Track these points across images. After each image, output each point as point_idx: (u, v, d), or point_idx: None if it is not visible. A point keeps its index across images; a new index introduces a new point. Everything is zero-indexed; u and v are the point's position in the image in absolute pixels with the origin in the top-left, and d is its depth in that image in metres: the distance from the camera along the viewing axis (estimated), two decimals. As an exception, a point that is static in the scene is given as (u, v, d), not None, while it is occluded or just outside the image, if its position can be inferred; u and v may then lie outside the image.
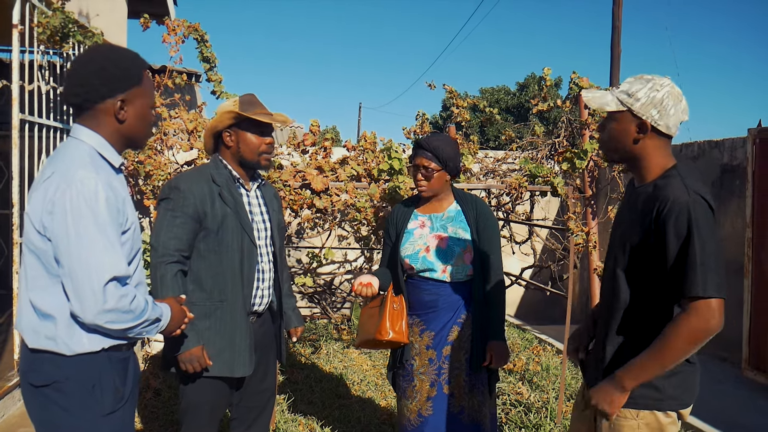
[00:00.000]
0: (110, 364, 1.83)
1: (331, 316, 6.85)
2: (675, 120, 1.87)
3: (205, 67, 5.95)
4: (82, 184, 1.70)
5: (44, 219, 1.71)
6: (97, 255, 1.69)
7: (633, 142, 1.89)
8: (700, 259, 1.71)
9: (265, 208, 2.70)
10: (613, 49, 11.52)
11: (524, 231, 7.31)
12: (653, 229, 1.80)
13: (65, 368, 1.77)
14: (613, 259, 1.98)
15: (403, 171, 3.68)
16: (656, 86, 1.86)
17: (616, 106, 1.89)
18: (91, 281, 1.68)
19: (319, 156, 4.25)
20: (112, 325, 1.74)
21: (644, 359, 1.79)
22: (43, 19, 4.05)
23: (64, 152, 1.82)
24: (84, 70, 1.82)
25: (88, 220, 1.69)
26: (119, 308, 1.72)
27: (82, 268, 1.68)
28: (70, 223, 1.68)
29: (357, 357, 5.61)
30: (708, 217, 1.76)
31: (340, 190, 3.84)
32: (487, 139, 24.74)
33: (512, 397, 4.57)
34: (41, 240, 1.74)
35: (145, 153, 5.70)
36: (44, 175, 1.77)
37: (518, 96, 28.84)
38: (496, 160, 6.31)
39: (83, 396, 1.79)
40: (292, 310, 2.90)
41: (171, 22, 5.79)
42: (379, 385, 4.91)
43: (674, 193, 1.78)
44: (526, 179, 4.16)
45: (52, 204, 1.70)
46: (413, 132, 5.99)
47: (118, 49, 1.94)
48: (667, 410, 1.89)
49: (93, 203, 1.70)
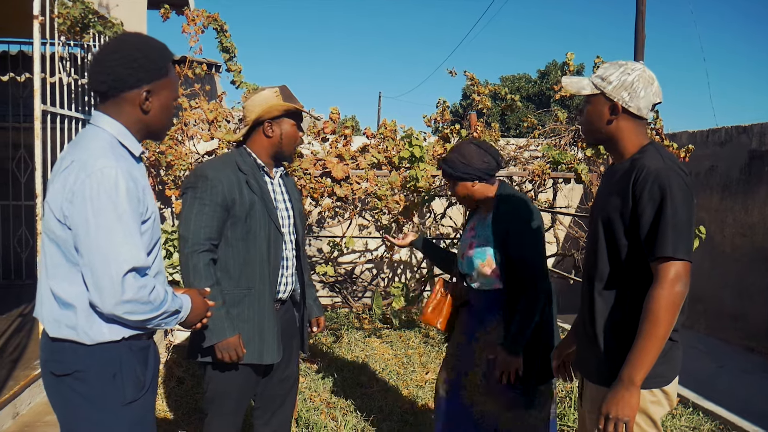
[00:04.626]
0: (131, 353, 1.82)
1: (353, 305, 6.85)
2: (646, 102, 1.96)
3: (225, 57, 5.95)
4: (102, 174, 1.68)
5: (64, 207, 1.70)
6: (116, 245, 1.68)
7: (606, 123, 1.98)
8: (672, 222, 1.78)
9: (288, 197, 2.72)
10: (637, 34, 11.32)
11: (547, 219, 7.23)
12: (629, 197, 1.87)
13: (86, 357, 1.76)
14: (593, 236, 2.03)
15: (424, 158, 3.64)
16: (627, 70, 1.96)
17: (590, 90, 1.99)
18: (110, 272, 1.67)
19: (339, 144, 4.21)
20: (131, 316, 1.73)
21: (639, 345, 1.80)
22: (63, 10, 4.06)
23: (84, 140, 1.81)
24: (112, 58, 1.80)
25: (107, 209, 1.68)
26: (138, 299, 1.70)
27: (101, 258, 1.67)
28: (89, 212, 1.67)
29: (379, 346, 5.61)
30: (681, 185, 1.82)
31: (361, 178, 3.81)
32: (508, 127, 24.56)
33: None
34: (61, 228, 1.73)
35: (166, 143, 5.72)
36: (64, 164, 1.76)
37: (539, 84, 28.57)
38: (517, 147, 6.23)
39: (104, 385, 1.78)
40: (313, 300, 2.92)
41: (190, 12, 5.80)
42: (401, 374, 4.89)
43: (649, 162, 1.86)
44: (549, 166, 4.09)
45: (72, 193, 1.69)
46: (434, 120, 5.93)
47: (147, 38, 1.92)
48: (651, 388, 1.90)
49: (113, 193, 1.69)
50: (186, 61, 6.13)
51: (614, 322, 1.94)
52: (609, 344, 1.94)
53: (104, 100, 1.83)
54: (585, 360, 2.08)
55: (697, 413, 4.26)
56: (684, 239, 1.79)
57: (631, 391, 1.81)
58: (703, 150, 6.75)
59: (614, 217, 1.92)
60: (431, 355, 5.39)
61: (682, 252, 1.78)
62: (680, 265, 1.78)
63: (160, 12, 5.86)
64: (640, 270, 1.88)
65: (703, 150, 6.73)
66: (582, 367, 2.11)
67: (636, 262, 1.89)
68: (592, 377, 2.03)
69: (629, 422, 1.81)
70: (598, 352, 1.98)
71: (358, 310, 6.80)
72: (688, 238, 1.80)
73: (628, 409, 1.81)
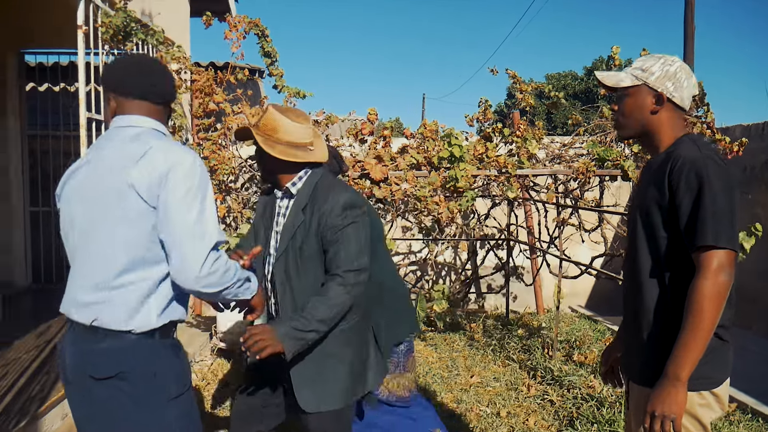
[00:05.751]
0: (169, 349, 1.89)
1: (396, 307, 6.80)
2: (688, 93, 1.95)
3: (267, 61, 6.00)
4: (192, 157, 1.82)
5: (153, 188, 1.77)
6: (204, 222, 1.79)
7: (650, 114, 1.96)
8: (711, 210, 1.73)
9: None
10: (687, 27, 10.98)
11: (594, 219, 7.05)
12: (665, 189, 1.83)
13: (130, 357, 1.80)
14: (632, 232, 1.99)
15: (464, 158, 3.57)
16: (668, 61, 1.96)
17: (631, 81, 1.97)
18: (200, 247, 1.76)
19: (378, 145, 4.18)
20: (212, 288, 1.81)
21: (684, 339, 1.74)
22: (106, 19, 4.14)
23: (142, 135, 1.89)
24: (165, 73, 1.99)
25: (199, 189, 1.80)
26: (218, 270, 1.80)
27: (190, 233, 1.76)
28: (182, 191, 1.76)
29: (423, 349, 5.55)
30: (720, 173, 1.77)
31: (400, 179, 3.76)
32: (555, 126, 24.16)
33: (584, 391, 4.41)
34: (144, 208, 1.78)
35: (209, 148, 5.80)
36: (132, 153, 1.82)
37: (586, 81, 28.05)
38: (562, 145, 6.08)
39: (148, 383, 1.81)
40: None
41: (232, 18, 5.86)
42: (445, 377, 4.83)
43: (685, 152, 1.83)
44: (594, 163, 3.97)
45: (165, 176, 1.77)
46: (476, 119, 5.85)
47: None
48: (699, 390, 1.83)
49: (200, 173, 1.82)
50: (228, 68, 6.21)
51: (657, 320, 1.88)
52: (653, 343, 1.88)
53: (136, 102, 1.93)
54: (630, 361, 2.02)
55: (757, 419, 4.07)
56: (725, 227, 1.73)
57: (678, 388, 1.74)
58: (758, 143, 6.48)
59: (652, 210, 1.88)
60: (476, 359, 5.30)
61: (724, 240, 1.72)
62: (723, 253, 1.72)
63: (202, 19, 5.95)
64: (682, 264, 1.83)
65: (757, 143, 6.47)
66: (627, 368, 2.05)
67: (677, 256, 1.84)
68: (636, 378, 1.96)
69: (676, 420, 1.74)
70: (642, 351, 1.92)
71: (402, 312, 6.74)
72: (730, 227, 1.74)
73: (675, 406, 1.74)
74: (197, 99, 6.02)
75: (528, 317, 6.79)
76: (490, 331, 6.14)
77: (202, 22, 5.97)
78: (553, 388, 4.55)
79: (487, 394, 4.49)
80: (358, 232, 2.31)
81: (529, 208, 6.91)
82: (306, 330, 2.19)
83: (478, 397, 4.41)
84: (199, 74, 5.95)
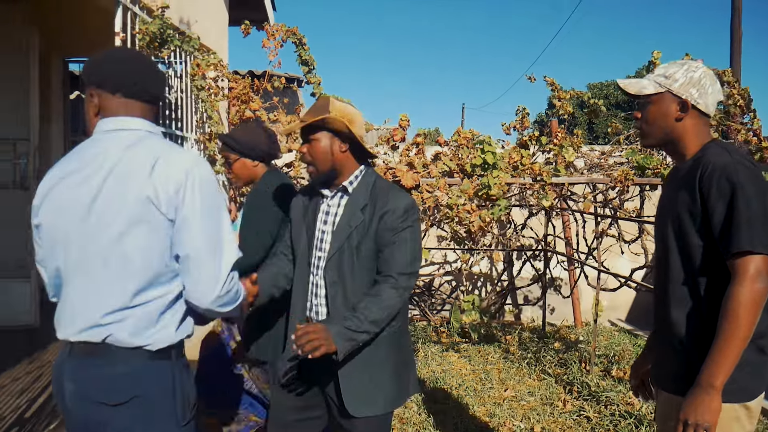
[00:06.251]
0: (181, 371, 1.78)
1: (430, 318, 6.72)
2: (713, 99, 1.92)
3: (304, 69, 6.02)
4: (205, 166, 1.72)
5: (173, 199, 1.65)
6: (223, 238, 1.70)
7: (675, 122, 1.92)
8: (746, 215, 1.70)
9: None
10: (733, 32, 10.69)
11: (633, 229, 6.84)
12: (696, 196, 1.80)
13: (144, 380, 1.69)
14: (662, 242, 1.95)
15: (497, 165, 3.49)
16: (692, 68, 1.93)
17: (654, 89, 1.94)
18: (219, 264, 1.68)
19: (411, 152, 4.13)
20: (225, 308, 1.75)
21: (719, 346, 1.70)
22: (143, 26, 4.19)
23: (144, 140, 1.75)
24: (157, 69, 1.84)
25: (215, 201, 1.70)
26: (233, 289, 1.74)
27: (211, 250, 1.67)
28: (199, 204, 1.67)
29: (456, 360, 5.46)
30: (752, 178, 1.74)
31: (432, 187, 3.70)
32: (596, 136, 23.79)
33: (622, 408, 4.26)
34: (162, 222, 1.65)
35: (245, 155, 5.82)
36: (146, 160, 1.68)
37: (629, 91, 27.51)
38: (601, 154, 5.93)
39: (162, 407, 1.72)
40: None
41: (270, 27, 5.90)
42: (479, 390, 4.73)
43: (714, 158, 1.80)
44: (633, 172, 3.84)
45: (182, 185, 1.66)
46: (513, 127, 5.75)
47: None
48: (732, 402, 1.78)
49: (215, 185, 1.72)
50: (266, 76, 6.25)
51: (691, 328, 1.84)
52: (686, 351, 1.84)
53: (131, 102, 1.77)
54: (661, 371, 1.98)
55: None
56: (761, 232, 1.70)
57: (712, 395, 1.70)
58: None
59: (684, 218, 1.85)
60: (511, 372, 5.18)
61: (761, 245, 1.69)
62: (760, 259, 1.69)
63: (240, 28, 6.00)
64: (715, 272, 1.80)
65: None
66: (658, 378, 2.00)
67: (711, 264, 1.81)
68: (667, 386, 1.92)
69: (710, 428, 1.70)
70: (674, 360, 1.88)
71: (435, 323, 6.66)
72: (765, 232, 1.71)
73: (708, 414, 1.69)
74: (234, 106, 6.06)
75: (565, 330, 6.64)
76: (525, 344, 6.01)
77: (241, 30, 6.03)
78: (589, 404, 4.41)
79: (521, 408, 4.38)
80: (415, 235, 2.27)
81: (567, 218, 6.76)
82: (359, 330, 2.12)
83: (512, 412, 4.31)
84: (236, 82, 6.00)
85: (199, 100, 5.51)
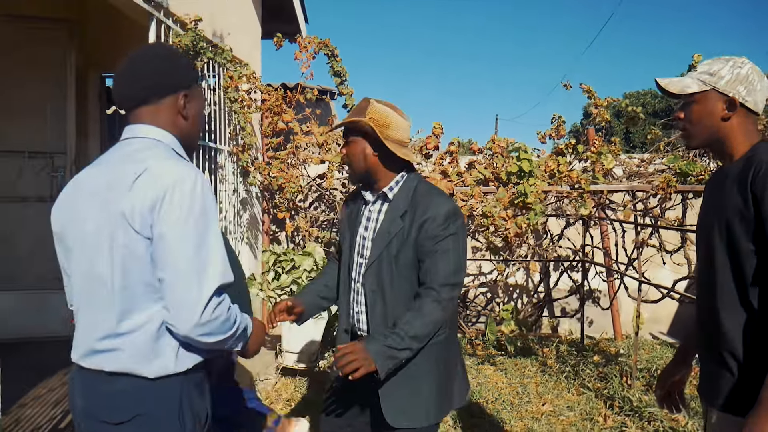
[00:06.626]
0: (191, 388, 1.67)
1: (465, 330, 6.60)
2: (762, 96, 1.84)
3: (336, 81, 6.03)
4: (192, 181, 1.54)
5: (146, 217, 1.52)
6: (205, 259, 1.52)
7: (721, 121, 1.84)
8: None
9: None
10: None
11: (674, 239, 6.63)
12: (749, 198, 1.70)
13: (147, 399, 1.60)
14: (707, 248, 1.86)
15: (534, 173, 3.40)
16: (738, 63, 1.84)
17: (698, 87, 1.85)
18: (197, 289, 1.50)
19: (444, 161, 4.06)
20: (209, 338, 1.56)
21: None
22: (176, 39, 4.22)
23: (144, 151, 1.63)
24: (148, 66, 1.69)
25: (198, 219, 1.53)
26: (219, 317, 1.55)
27: (187, 273, 1.50)
28: (178, 221, 1.51)
29: (492, 374, 5.33)
30: None
31: (466, 195, 3.62)
32: (633, 146, 23.39)
33: (666, 424, 4.09)
34: (137, 242, 1.54)
35: (277, 167, 5.84)
36: (127, 173, 1.57)
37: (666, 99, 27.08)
38: (641, 161, 5.77)
39: (169, 425, 1.63)
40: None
41: (302, 39, 5.92)
42: (515, 404, 4.60)
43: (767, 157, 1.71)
44: (676, 179, 3.71)
45: (156, 200, 1.51)
46: (548, 136, 5.65)
47: (173, 48, 1.85)
48: None
49: (202, 201, 1.54)
50: (298, 88, 6.26)
51: (745, 342, 1.72)
52: (741, 368, 1.73)
53: (138, 110, 1.70)
54: (711, 387, 1.85)
55: None
56: None
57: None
58: None
59: (734, 222, 1.75)
60: (548, 386, 5.04)
61: None
62: None
63: (273, 41, 6.04)
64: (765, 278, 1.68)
65: None
66: (707, 395, 1.88)
67: (765, 270, 1.69)
68: (721, 405, 1.79)
69: None
70: (728, 376, 1.76)
71: (471, 335, 6.54)
72: None
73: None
74: (267, 118, 6.09)
75: (605, 343, 6.45)
76: (563, 357, 5.85)
77: (273, 43, 6.07)
78: (632, 419, 4.25)
79: (559, 423, 4.25)
80: (458, 244, 2.17)
81: (606, 227, 6.59)
82: (400, 348, 2.06)
83: (551, 427, 4.17)
84: (269, 94, 6.03)
85: (232, 112, 5.54)
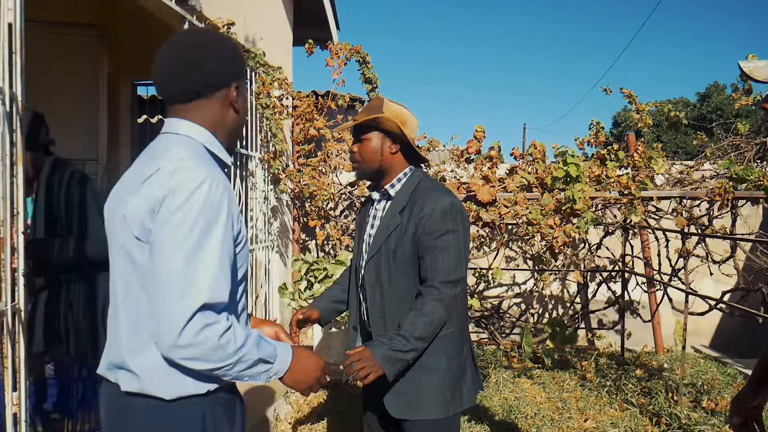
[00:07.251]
0: (216, 407, 1.52)
1: (500, 342, 6.42)
2: None
3: (367, 87, 5.94)
4: (195, 185, 1.38)
5: (146, 221, 1.40)
6: (193, 271, 1.35)
7: None
8: None
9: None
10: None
11: (719, 249, 6.37)
12: None
13: (166, 418, 1.46)
14: None
15: (580, 178, 3.24)
16: None
17: None
18: (178, 304, 1.33)
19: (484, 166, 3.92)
20: (193, 363, 1.37)
21: None
22: (209, 43, 4.15)
23: (168, 149, 1.50)
24: (198, 54, 1.53)
25: (196, 227, 1.36)
26: (203, 342, 1.35)
27: (170, 283, 1.34)
28: (172, 227, 1.35)
29: (529, 387, 5.15)
30: None
31: (509, 201, 3.47)
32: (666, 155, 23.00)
33: (719, 443, 3.88)
34: (139, 249, 1.43)
35: (309, 174, 5.75)
36: (146, 171, 1.46)
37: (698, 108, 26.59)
38: (689, 166, 5.55)
39: None
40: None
41: (334, 45, 5.86)
42: (556, 420, 4.42)
43: None
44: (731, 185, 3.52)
45: (157, 203, 1.39)
46: (587, 142, 5.47)
47: (220, 34, 1.66)
48: None
49: (207, 208, 1.38)
50: (329, 95, 6.19)
51: None
52: None
53: (185, 105, 1.55)
54: None
55: None
56: None
57: None
58: None
59: None
60: (589, 400, 4.84)
61: None
62: None
63: (304, 47, 5.98)
64: None
65: None
66: None
67: None
68: None
69: None
70: None
71: (506, 347, 6.36)
72: None
73: None
74: (298, 125, 6.02)
75: (646, 357, 6.22)
76: (603, 371, 5.64)
77: (305, 50, 6.01)
78: (681, 438, 4.05)
79: (605, 441, 4.05)
80: (459, 239, 2.13)
81: (647, 237, 6.36)
82: (405, 350, 2.06)
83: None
84: (301, 100, 5.96)
85: (264, 119, 5.47)
